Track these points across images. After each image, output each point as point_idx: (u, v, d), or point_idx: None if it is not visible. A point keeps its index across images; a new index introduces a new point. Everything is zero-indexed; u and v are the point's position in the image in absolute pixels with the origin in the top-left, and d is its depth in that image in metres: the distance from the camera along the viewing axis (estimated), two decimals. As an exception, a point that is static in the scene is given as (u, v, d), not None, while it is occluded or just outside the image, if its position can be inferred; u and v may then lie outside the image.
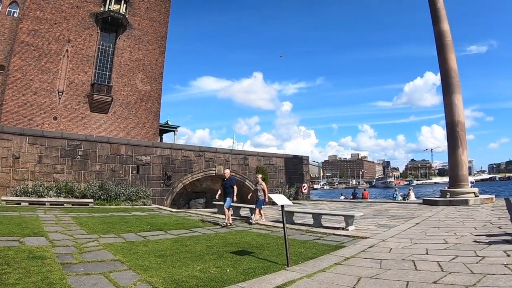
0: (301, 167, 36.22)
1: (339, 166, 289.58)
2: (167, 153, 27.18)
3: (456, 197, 20.46)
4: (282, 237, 11.19)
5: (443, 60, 23.02)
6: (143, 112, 37.94)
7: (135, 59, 37.72)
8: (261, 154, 33.66)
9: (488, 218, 13.33)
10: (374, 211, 19.00)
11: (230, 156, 30.56)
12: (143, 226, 13.09)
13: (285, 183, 33.54)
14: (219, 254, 8.22)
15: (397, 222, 13.82)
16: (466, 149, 22.10)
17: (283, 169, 34.22)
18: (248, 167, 31.25)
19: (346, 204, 25.20)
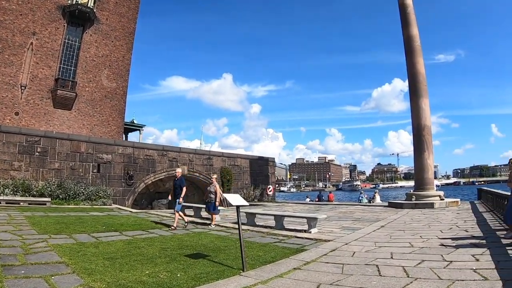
0: (267, 168, 35.77)
1: (306, 169, 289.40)
2: (129, 152, 26.17)
3: (421, 200, 20.37)
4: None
5: (411, 64, 22.97)
6: (108, 109, 36.59)
7: (101, 55, 36.35)
8: (226, 154, 33.01)
9: (454, 221, 13.10)
10: (339, 213, 18.64)
11: (194, 156, 29.78)
12: (99, 226, 12.29)
13: (250, 185, 33.01)
14: (172, 257, 7.71)
15: (362, 224, 13.42)
16: (432, 153, 22.08)
17: (248, 170, 33.68)
18: (212, 167, 30.51)
19: (311, 206, 24.79)
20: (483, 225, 11.69)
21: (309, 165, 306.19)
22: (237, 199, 7.56)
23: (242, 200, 7.64)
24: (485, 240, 8.83)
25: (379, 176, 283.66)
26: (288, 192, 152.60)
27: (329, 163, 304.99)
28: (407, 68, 23.41)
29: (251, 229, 12.57)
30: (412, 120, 22.69)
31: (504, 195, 13.43)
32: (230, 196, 7.67)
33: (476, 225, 11.62)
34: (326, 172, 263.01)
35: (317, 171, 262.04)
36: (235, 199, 7.53)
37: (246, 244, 9.31)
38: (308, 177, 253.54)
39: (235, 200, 7.49)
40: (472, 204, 21.07)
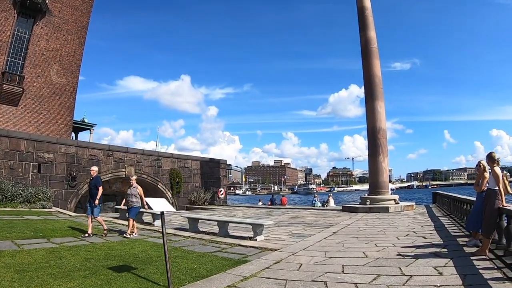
0: (218, 171, 34.51)
1: (262, 172, 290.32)
2: (73, 151, 24.26)
3: (376, 204, 19.70)
4: (180, 248, 9.45)
5: (368, 66, 22.39)
6: (56, 106, 34.17)
7: (51, 49, 33.94)
8: (176, 156, 31.50)
9: (410, 227, 12.29)
10: (291, 218, 17.64)
11: (142, 157, 28.09)
12: (27, 232, 10.87)
13: (201, 187, 31.62)
14: (93, 270, 6.64)
15: (313, 231, 12.42)
16: (387, 156, 21.52)
17: (199, 172, 32.28)
18: (161, 169, 28.95)
19: (262, 210, 23.74)
20: (442, 230, 10.91)
21: (265, 168, 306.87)
22: (161, 204, 6.47)
23: (168, 206, 6.51)
24: (446, 248, 7.97)
25: (335, 179, 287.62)
26: (243, 195, 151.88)
27: (284, 167, 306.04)
28: (363, 70, 22.84)
29: (192, 236, 11.37)
30: (368, 122, 22.08)
31: (461, 199, 12.80)
32: (153, 201, 6.56)
33: (435, 231, 10.82)
34: (282, 175, 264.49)
35: (273, 174, 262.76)
36: (159, 204, 6.47)
37: (182, 254, 8.35)
38: (263, 180, 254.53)
39: (159, 205, 6.40)
40: (428, 208, 20.57)
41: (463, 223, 11.64)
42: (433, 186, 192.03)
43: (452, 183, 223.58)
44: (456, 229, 10.96)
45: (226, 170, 35.96)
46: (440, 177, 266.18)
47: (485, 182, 7.88)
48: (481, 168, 8.06)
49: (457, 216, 13.38)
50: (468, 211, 11.02)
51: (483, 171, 8.02)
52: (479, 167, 8.18)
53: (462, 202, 12.44)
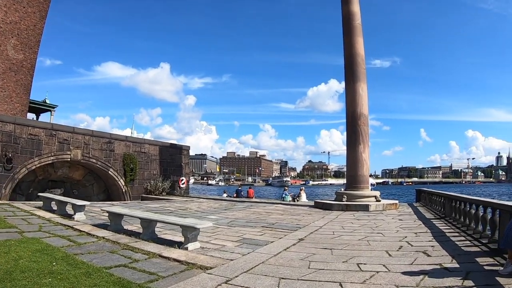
0: (180, 157, 31.09)
1: (237, 163, 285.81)
2: (9, 129, 20.68)
3: (354, 201, 17.01)
4: (73, 256, 6.55)
5: (349, 44, 19.51)
6: (12, 84, 30.21)
7: (9, 21, 29.94)
8: (131, 139, 27.92)
9: (401, 233, 9.43)
10: (251, 215, 14.64)
11: (91, 139, 24.48)
12: None
13: (159, 175, 28.17)
14: None
15: (273, 235, 9.42)
16: (368, 146, 18.78)
17: (158, 158, 28.83)
18: (113, 153, 25.46)
19: (223, 203, 20.68)
20: (446, 242, 8.02)
21: (240, 159, 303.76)
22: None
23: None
24: (470, 279, 5.07)
25: (310, 173, 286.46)
26: (216, 186, 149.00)
27: (260, 158, 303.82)
28: (344, 48, 19.95)
29: (107, 238, 8.31)
30: (347, 107, 19.28)
31: (465, 199, 9.99)
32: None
33: (437, 243, 7.92)
34: (257, 166, 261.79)
35: (248, 166, 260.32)
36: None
37: (65, 268, 5.67)
38: (238, 171, 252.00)
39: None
40: (413, 207, 17.87)
41: (470, 232, 8.85)
42: (408, 183, 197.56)
43: (427, 180, 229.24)
44: (466, 241, 8.07)
45: (188, 157, 32.66)
46: (415, 174, 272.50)
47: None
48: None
49: (457, 221, 10.61)
50: (481, 217, 8.24)
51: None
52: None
53: (467, 203, 9.68)
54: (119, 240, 8.01)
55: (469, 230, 9.03)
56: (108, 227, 9.60)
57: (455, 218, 10.93)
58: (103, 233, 8.93)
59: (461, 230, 9.41)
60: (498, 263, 6.04)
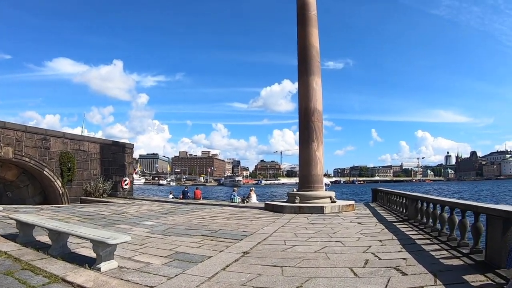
0: (123, 156, 28.82)
1: (189, 163, 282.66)
2: None
3: (308, 203, 15.66)
4: None
5: (304, 35, 18.20)
6: None
7: None
8: (69, 136, 25.40)
9: (364, 241, 8.05)
10: (193, 220, 12.90)
11: (24, 135, 21.87)
12: None
13: (100, 176, 25.90)
14: None
15: (213, 247, 7.76)
16: (322, 143, 17.52)
17: (99, 157, 26.50)
18: (49, 151, 22.98)
19: (166, 206, 18.83)
20: (418, 253, 6.69)
21: (193, 158, 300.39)
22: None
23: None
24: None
25: (262, 172, 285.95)
26: (167, 186, 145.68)
27: (212, 158, 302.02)
28: (298, 40, 18.63)
29: (9, 253, 6.67)
30: (300, 102, 18.00)
31: (436, 200, 8.74)
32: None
33: (408, 254, 6.58)
34: (209, 166, 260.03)
35: (200, 165, 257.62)
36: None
37: None
38: (191, 171, 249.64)
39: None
40: (370, 207, 16.77)
41: (443, 238, 7.60)
42: (360, 182, 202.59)
43: (378, 179, 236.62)
44: (442, 251, 6.78)
45: (132, 155, 30.46)
46: (366, 173, 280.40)
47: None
48: None
49: (424, 225, 9.40)
50: (459, 222, 6.96)
51: None
52: None
53: (437, 206, 8.44)
54: (23, 257, 6.28)
55: (442, 236, 7.79)
56: (17, 238, 7.72)
57: (422, 221, 9.72)
58: (8, 246, 7.15)
59: (432, 236, 8.14)
60: (493, 282, 4.78)
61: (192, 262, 6.37)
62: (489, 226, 5.68)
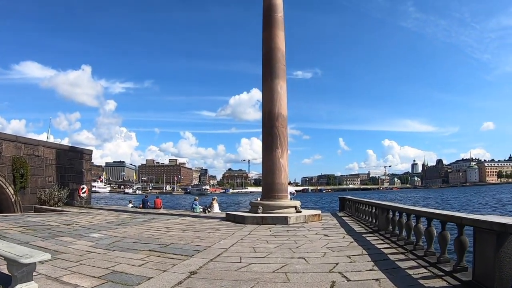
0: (81, 163, 27.10)
1: (156, 171, 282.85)
2: None
3: (271, 213, 14.68)
4: None
5: (269, 38, 17.35)
6: None
7: None
8: (22, 140, 23.51)
9: (330, 258, 7.05)
10: (147, 231, 11.64)
11: (-28, 138, 20.13)
12: None
13: (55, 183, 24.17)
14: None
15: (157, 265, 6.64)
16: (287, 150, 16.65)
17: (54, 163, 24.75)
18: (1, 156, 21.19)
19: (122, 216, 17.40)
20: (393, 271, 5.76)
21: (160, 167, 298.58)
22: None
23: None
24: None
25: (230, 181, 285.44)
26: (133, 194, 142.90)
27: (180, 166, 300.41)
28: (263, 42, 17.75)
29: None
30: (263, 106, 17.07)
31: (410, 210, 7.85)
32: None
33: (381, 272, 5.64)
34: (177, 174, 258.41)
35: (167, 174, 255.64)
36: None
37: None
38: (157, 179, 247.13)
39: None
40: (338, 217, 15.90)
41: (420, 253, 6.71)
42: (327, 191, 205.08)
43: (346, 187, 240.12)
44: (420, 268, 5.89)
45: (90, 162, 28.84)
46: (334, 182, 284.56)
47: None
48: None
49: (396, 237, 8.53)
50: (439, 235, 6.05)
51: None
52: None
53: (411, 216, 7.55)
54: None
55: (418, 251, 6.90)
56: None
57: (394, 233, 8.84)
58: None
59: (406, 250, 7.23)
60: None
61: (127, 285, 5.30)
62: (477, 241, 4.76)
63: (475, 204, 51.43)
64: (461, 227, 5.28)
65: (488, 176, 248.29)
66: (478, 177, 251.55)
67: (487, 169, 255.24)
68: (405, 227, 7.91)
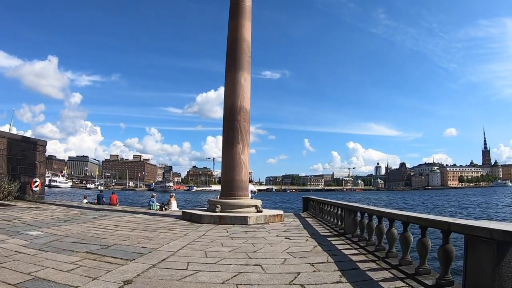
0: (34, 154, 25.32)
1: (120, 167, 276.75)
2: None
3: (230, 212, 13.71)
4: None
5: (235, 27, 16.37)
6: None
7: None
8: (-34, 129, 21.96)
9: (291, 266, 6.14)
10: (92, 230, 10.42)
11: None
12: None
13: (6, 175, 22.41)
14: None
15: (88, 270, 5.54)
16: (248, 146, 15.70)
17: (5, 154, 22.86)
18: None
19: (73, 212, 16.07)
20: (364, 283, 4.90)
21: (124, 162, 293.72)
22: None
23: None
24: None
25: (194, 178, 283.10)
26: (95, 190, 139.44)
27: (144, 162, 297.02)
28: (229, 32, 16.74)
29: None
30: (225, 99, 16.12)
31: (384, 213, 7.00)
32: None
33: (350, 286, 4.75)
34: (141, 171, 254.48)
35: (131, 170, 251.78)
36: None
37: None
38: (121, 175, 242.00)
39: None
40: (301, 218, 15.07)
41: (394, 261, 5.86)
42: (291, 191, 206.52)
43: (310, 188, 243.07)
44: (397, 281, 5.01)
45: (44, 154, 27.05)
46: (298, 182, 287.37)
47: None
48: None
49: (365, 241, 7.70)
50: (418, 242, 5.16)
51: None
52: None
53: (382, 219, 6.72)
54: None
55: (391, 258, 6.05)
56: None
57: (362, 237, 7.99)
58: None
59: (378, 258, 6.36)
60: None
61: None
62: (470, 252, 3.90)
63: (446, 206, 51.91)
64: (447, 234, 4.43)
65: (450, 180, 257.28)
66: (440, 181, 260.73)
67: (449, 173, 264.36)
68: (375, 231, 7.03)
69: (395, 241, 6.15)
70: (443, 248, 4.45)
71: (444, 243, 4.47)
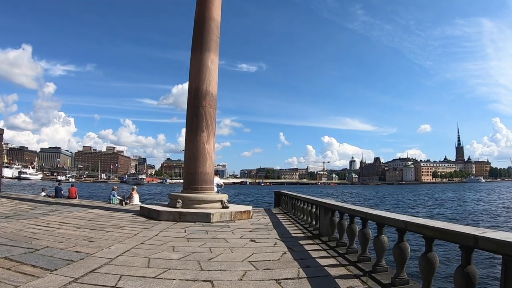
0: (-10, 144, 23.40)
1: (93, 159, 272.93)
2: None
3: (191, 208, 12.32)
4: None
5: (203, 4, 14.76)
6: None
7: None
8: None
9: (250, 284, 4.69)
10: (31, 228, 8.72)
11: None
12: None
13: (-41, 166, 20.56)
14: None
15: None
16: (214, 135, 14.31)
17: (-47, 144, 21.05)
18: None
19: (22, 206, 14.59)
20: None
21: (97, 154, 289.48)
22: None
23: None
24: None
25: (168, 171, 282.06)
26: (66, 182, 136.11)
27: (117, 154, 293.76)
28: (196, 10, 15.14)
29: None
30: (190, 83, 14.64)
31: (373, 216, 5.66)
32: None
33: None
34: (114, 163, 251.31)
35: (104, 162, 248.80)
36: None
37: None
38: (94, 167, 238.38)
39: None
40: (271, 215, 13.93)
41: (385, 279, 4.54)
42: (266, 184, 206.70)
43: (284, 181, 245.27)
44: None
45: (2, 142, 25.06)
46: (273, 175, 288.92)
47: None
48: None
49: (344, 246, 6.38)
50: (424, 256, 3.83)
51: None
52: None
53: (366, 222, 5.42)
54: None
55: (380, 274, 4.78)
56: None
57: (341, 241, 6.67)
58: None
59: (363, 272, 5.00)
60: None
61: None
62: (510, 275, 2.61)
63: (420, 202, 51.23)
64: (468, 250, 3.12)
65: (423, 176, 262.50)
66: (414, 176, 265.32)
67: (422, 168, 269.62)
68: (359, 237, 5.66)
69: (385, 251, 4.85)
70: (463, 271, 3.14)
71: (464, 264, 3.16)
